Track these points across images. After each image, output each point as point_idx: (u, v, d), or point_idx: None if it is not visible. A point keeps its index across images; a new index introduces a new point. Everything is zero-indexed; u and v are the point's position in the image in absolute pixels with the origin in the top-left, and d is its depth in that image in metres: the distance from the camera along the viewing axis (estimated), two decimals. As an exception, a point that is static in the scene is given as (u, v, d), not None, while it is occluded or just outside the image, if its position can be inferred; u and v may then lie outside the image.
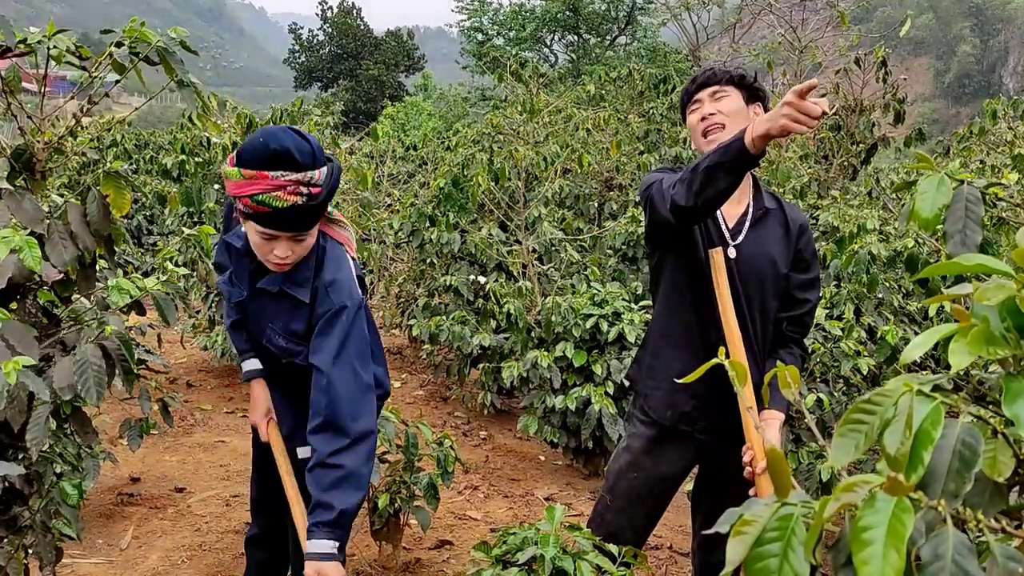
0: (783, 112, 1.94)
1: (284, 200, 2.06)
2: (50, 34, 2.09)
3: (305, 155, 2.08)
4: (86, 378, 2.01)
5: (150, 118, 35.90)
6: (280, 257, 2.20)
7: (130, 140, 10.23)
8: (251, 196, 2.06)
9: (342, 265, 2.33)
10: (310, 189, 2.08)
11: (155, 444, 5.06)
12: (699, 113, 2.41)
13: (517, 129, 7.13)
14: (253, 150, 2.07)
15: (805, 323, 2.48)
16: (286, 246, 2.18)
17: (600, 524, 2.54)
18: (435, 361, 6.33)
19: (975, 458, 0.76)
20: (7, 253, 1.91)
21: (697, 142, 2.44)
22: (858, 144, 6.83)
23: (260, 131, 2.12)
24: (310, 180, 2.08)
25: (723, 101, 2.39)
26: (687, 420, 2.43)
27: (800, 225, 2.46)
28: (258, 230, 2.15)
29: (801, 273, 2.45)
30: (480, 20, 31.33)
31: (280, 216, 2.09)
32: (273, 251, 2.19)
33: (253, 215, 2.11)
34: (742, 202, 2.44)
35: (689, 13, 27.18)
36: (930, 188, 1.11)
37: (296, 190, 2.06)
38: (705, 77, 2.43)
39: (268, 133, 2.09)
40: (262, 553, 2.92)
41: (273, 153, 2.05)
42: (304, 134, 2.14)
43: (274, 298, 2.34)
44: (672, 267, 2.46)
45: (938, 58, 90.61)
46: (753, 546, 0.72)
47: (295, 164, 2.06)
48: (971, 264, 0.90)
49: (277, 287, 2.30)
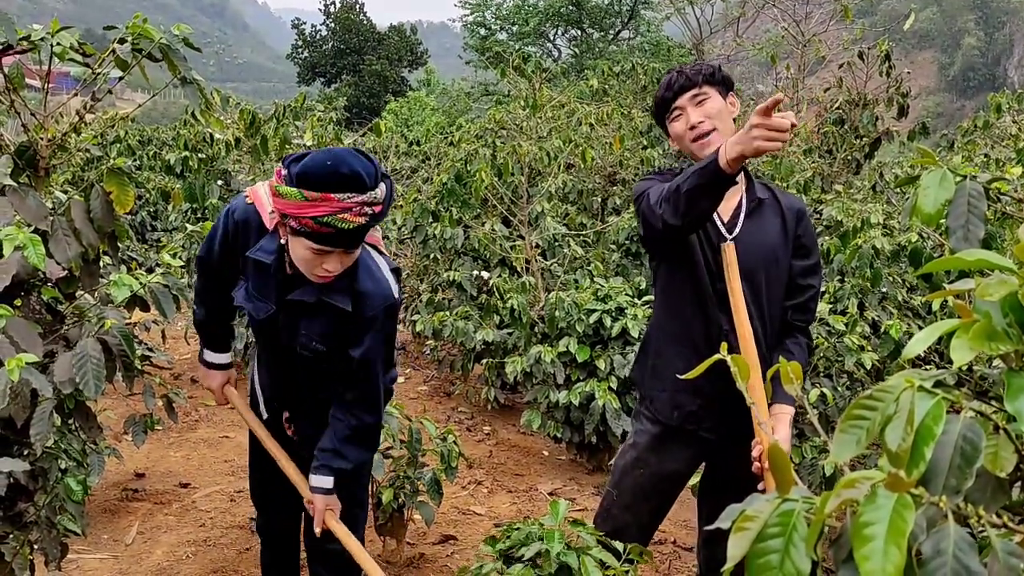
0: (753, 134, 1.93)
1: (351, 222, 2.07)
2: (53, 31, 2.10)
3: (371, 177, 2.10)
4: (85, 371, 2.02)
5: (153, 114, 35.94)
6: (330, 271, 2.20)
7: (133, 136, 10.23)
8: (315, 218, 2.05)
9: (375, 272, 2.36)
10: (373, 208, 2.10)
11: (159, 440, 5.08)
12: (684, 121, 2.37)
13: (520, 124, 7.12)
14: (320, 173, 2.05)
15: (810, 309, 2.47)
16: (337, 260, 2.19)
17: (606, 520, 2.55)
18: (438, 356, 6.33)
19: (977, 454, 0.76)
20: (11, 250, 1.92)
21: (686, 149, 2.41)
22: (862, 138, 6.81)
23: (322, 153, 2.11)
24: (374, 200, 2.10)
25: (706, 104, 2.36)
26: (693, 419, 2.42)
27: (797, 211, 2.45)
28: (310, 246, 2.14)
29: (802, 259, 2.43)
30: (483, 15, 31.26)
31: (342, 236, 2.10)
32: (323, 265, 2.19)
33: (311, 234, 2.10)
34: (735, 195, 2.43)
35: (692, 7, 27.11)
36: (932, 183, 1.11)
37: (361, 211, 2.08)
38: (681, 82, 2.38)
39: (336, 157, 2.08)
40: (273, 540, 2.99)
41: (343, 177, 2.05)
42: (366, 154, 2.15)
43: (309, 308, 2.34)
44: (670, 267, 2.46)
45: (942, 51, 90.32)
46: (755, 542, 0.72)
47: (363, 186, 2.07)
48: (973, 259, 0.90)
49: (315, 297, 2.30)
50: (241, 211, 2.36)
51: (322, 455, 2.44)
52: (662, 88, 2.45)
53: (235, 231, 2.38)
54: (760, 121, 1.92)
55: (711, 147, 2.31)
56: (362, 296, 2.30)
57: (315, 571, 2.80)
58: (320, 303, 2.30)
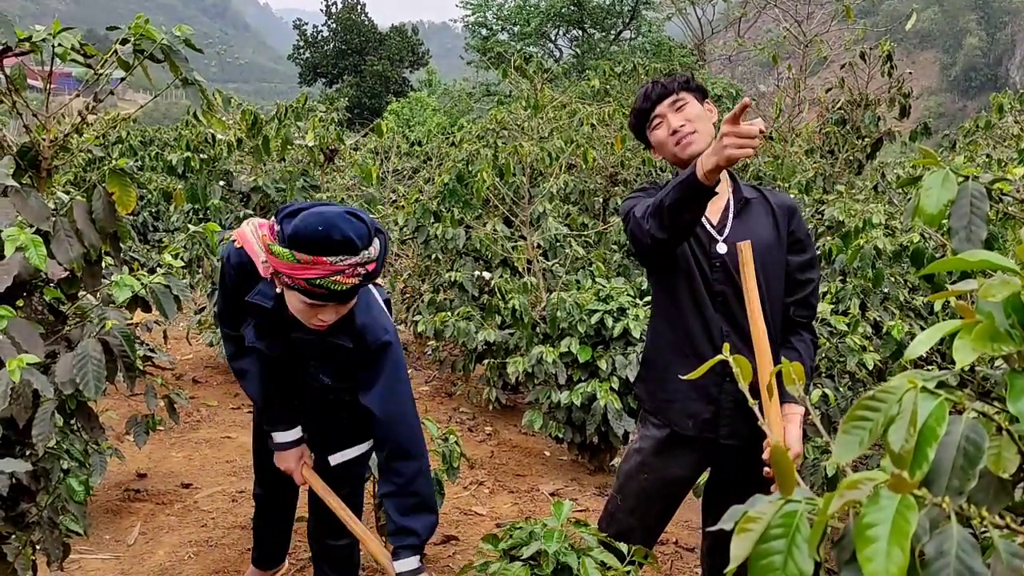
0: (724, 143, 1.95)
1: (343, 284, 2.07)
2: (55, 32, 2.10)
3: (364, 239, 2.09)
4: (85, 372, 2.02)
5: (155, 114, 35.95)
6: (326, 320, 2.21)
7: (135, 136, 10.24)
8: (307, 279, 2.05)
9: (372, 305, 2.37)
10: (367, 267, 2.10)
11: (161, 440, 5.08)
12: (666, 127, 2.40)
13: (521, 124, 7.12)
14: (311, 238, 2.04)
15: (811, 304, 2.48)
16: (333, 311, 2.20)
17: (610, 523, 2.53)
18: (440, 357, 6.33)
19: (979, 455, 0.76)
20: (13, 251, 1.92)
21: (670, 153, 2.42)
22: (863, 138, 6.81)
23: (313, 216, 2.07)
24: (367, 259, 2.10)
25: (686, 109, 2.39)
26: (710, 427, 2.41)
27: (788, 207, 2.46)
28: (304, 300, 2.14)
29: (798, 255, 2.44)
30: (484, 15, 31.28)
31: (335, 295, 2.11)
32: (318, 316, 2.19)
33: (304, 291, 2.10)
34: (722, 197, 2.44)
35: (694, 7, 27.14)
36: (935, 184, 1.11)
37: (354, 272, 2.08)
38: (659, 91, 2.42)
39: (327, 222, 2.05)
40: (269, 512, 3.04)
41: (335, 243, 2.04)
42: (359, 213, 2.13)
43: (314, 345, 2.35)
44: (664, 277, 2.45)
45: (944, 51, 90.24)
46: (757, 543, 0.72)
47: (355, 249, 2.06)
48: (976, 260, 0.90)
49: (317, 338, 2.31)
50: (235, 255, 2.37)
51: (393, 539, 2.36)
52: (640, 100, 2.47)
53: (236, 275, 2.39)
54: (729, 129, 1.95)
55: (693, 147, 2.34)
56: (361, 331, 2.31)
57: (319, 568, 2.82)
58: (324, 342, 2.32)
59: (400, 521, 2.33)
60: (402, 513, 2.33)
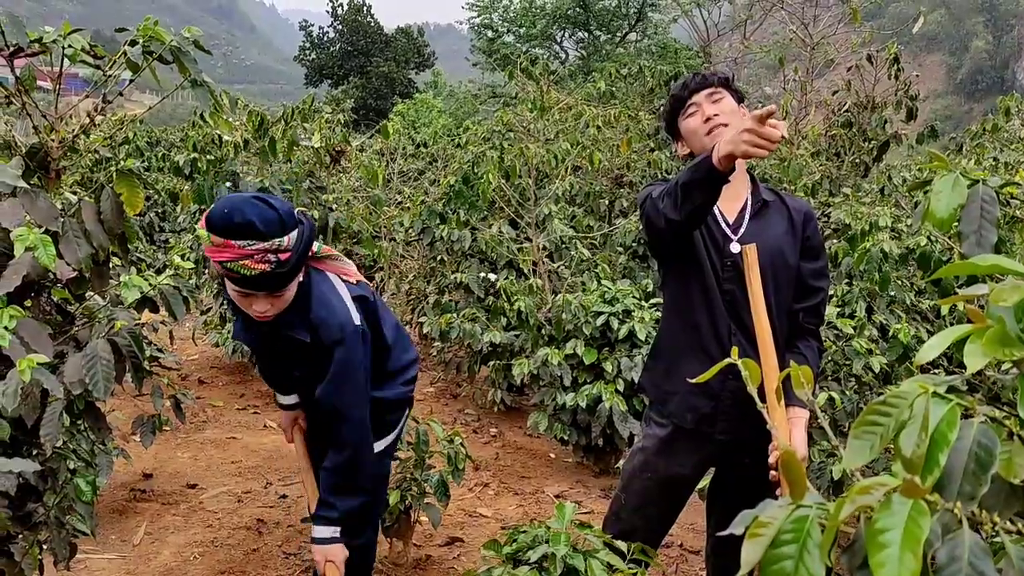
0: (744, 138, 1.97)
1: (251, 268, 2.09)
2: (65, 33, 2.10)
3: (271, 224, 2.10)
4: (94, 372, 2.02)
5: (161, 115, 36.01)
6: (259, 311, 2.24)
7: (142, 137, 10.25)
8: (221, 263, 2.10)
9: (330, 301, 2.37)
10: (278, 256, 2.11)
11: (167, 440, 5.09)
12: (700, 116, 2.41)
13: (527, 126, 7.12)
14: (216, 219, 2.09)
15: (820, 312, 2.48)
16: (264, 302, 2.23)
17: (615, 523, 2.55)
18: (445, 358, 6.34)
19: (991, 460, 0.75)
20: (22, 251, 1.93)
21: (699, 143, 2.42)
22: (870, 141, 6.79)
23: (226, 200, 2.13)
24: (278, 247, 2.10)
25: (722, 103, 2.41)
26: (708, 422, 2.42)
27: (805, 213, 2.46)
28: (232, 288, 2.21)
29: (811, 262, 2.44)
30: (490, 17, 31.30)
31: (250, 281, 2.13)
32: (252, 306, 2.24)
33: (227, 277, 2.17)
34: (740, 197, 2.44)
35: (700, 9, 27.12)
36: (945, 188, 1.10)
37: (264, 258, 2.09)
38: (698, 81, 2.44)
39: (232, 204, 2.10)
40: None
41: (237, 225, 2.07)
42: (270, 200, 2.15)
43: (279, 340, 2.41)
44: (677, 270, 2.46)
45: (950, 54, 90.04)
46: (768, 548, 0.72)
47: (259, 235, 2.08)
48: (986, 265, 0.89)
49: (276, 331, 2.36)
50: None
51: (316, 507, 2.49)
52: (678, 88, 2.49)
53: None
54: (753, 126, 1.96)
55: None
56: (317, 326, 2.33)
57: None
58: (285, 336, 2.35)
59: (324, 494, 2.45)
60: (327, 489, 2.44)
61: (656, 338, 2.62)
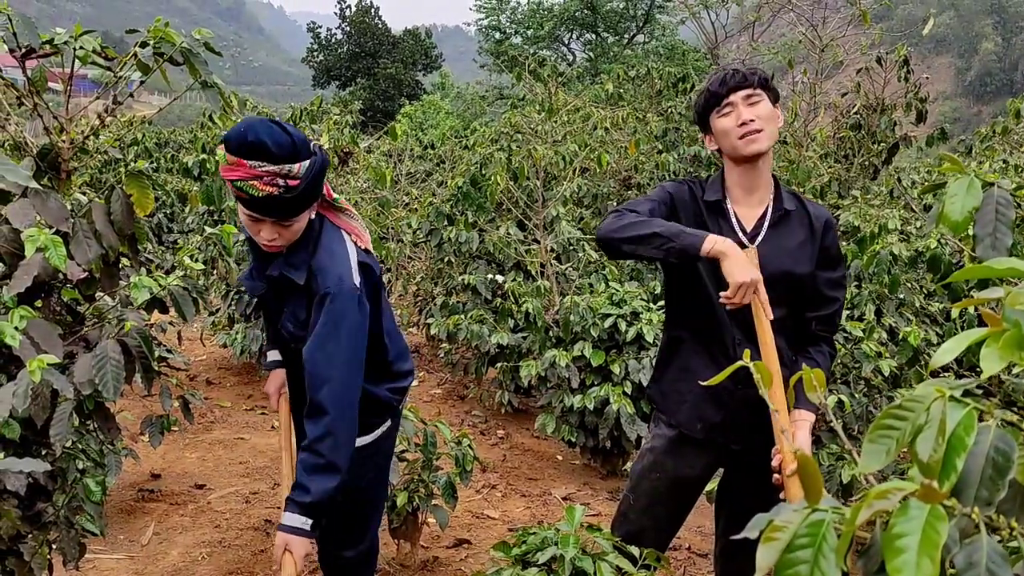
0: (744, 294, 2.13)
1: (260, 190, 2.10)
2: (76, 35, 2.11)
3: (283, 148, 2.11)
4: (104, 372, 2.03)
5: (170, 116, 36.11)
6: (266, 239, 2.24)
7: (151, 138, 10.29)
8: (231, 181, 2.12)
9: (335, 252, 2.35)
10: (287, 181, 2.12)
11: (175, 441, 5.10)
12: (735, 117, 2.32)
13: (535, 128, 7.12)
14: (235, 137, 2.12)
15: (833, 322, 2.45)
16: (271, 229, 2.22)
17: (623, 523, 2.54)
18: (453, 360, 6.34)
19: (1009, 465, 0.75)
20: (33, 251, 1.93)
21: (730, 145, 2.35)
22: (879, 143, 6.77)
23: (245, 120, 2.17)
24: (288, 172, 2.11)
25: (759, 106, 2.32)
26: (719, 431, 2.41)
27: (825, 222, 2.42)
28: (244, 211, 2.21)
29: (828, 271, 2.40)
30: (498, 18, 31.31)
31: (258, 203, 2.14)
32: (260, 232, 2.23)
33: (237, 198, 2.17)
34: (762, 204, 2.40)
35: (708, 11, 27.05)
36: (960, 191, 1.10)
37: (272, 181, 2.10)
38: (737, 80, 2.34)
39: (249, 124, 2.13)
40: None
41: (250, 144, 2.09)
42: (286, 127, 2.17)
43: (281, 285, 2.36)
44: (682, 277, 2.44)
45: (959, 56, 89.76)
46: (784, 552, 0.72)
47: (271, 156, 2.10)
48: (1003, 268, 0.89)
49: (278, 271, 2.33)
50: None
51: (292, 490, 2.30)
52: (715, 83, 2.39)
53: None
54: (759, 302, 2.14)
55: (756, 145, 2.29)
56: (316, 272, 2.30)
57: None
58: (283, 277, 2.32)
59: (299, 476, 2.28)
60: (303, 469, 2.27)
61: (661, 347, 2.60)
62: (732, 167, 2.40)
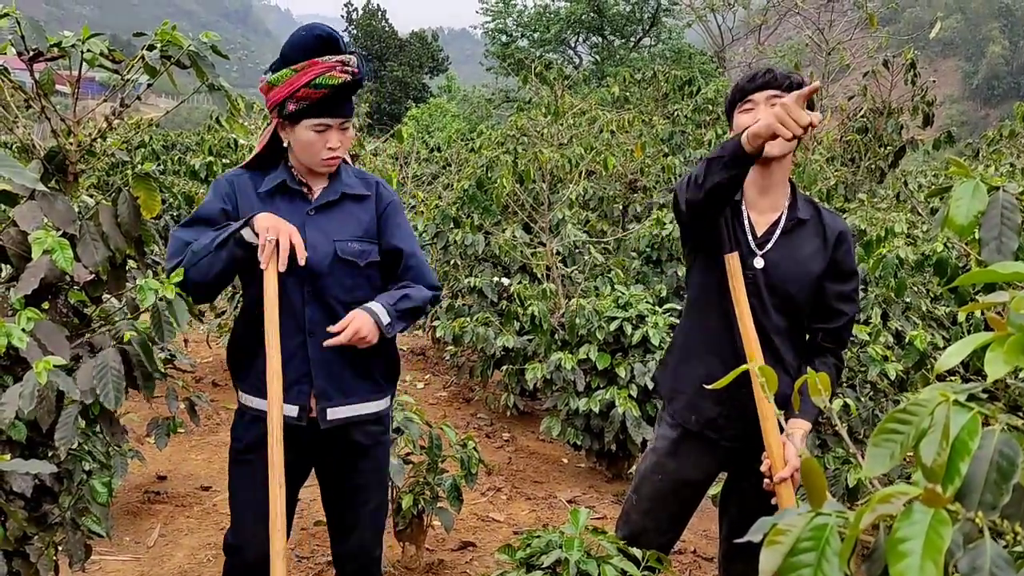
0: (775, 112, 1.97)
1: (338, 77, 2.22)
2: (84, 38, 2.12)
3: (343, 40, 2.31)
4: (105, 382, 2.03)
5: (177, 119, 36.18)
6: (334, 148, 2.31)
7: (158, 141, 10.32)
8: (307, 83, 2.20)
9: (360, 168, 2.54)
10: (352, 69, 2.25)
11: (181, 443, 5.11)
12: (754, 114, 2.31)
13: (541, 131, 7.13)
14: (300, 45, 2.25)
15: (841, 337, 2.41)
16: (337, 136, 2.30)
17: (626, 524, 2.55)
18: (458, 362, 6.34)
19: (1013, 469, 0.75)
20: (40, 253, 1.94)
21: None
22: (886, 147, 6.77)
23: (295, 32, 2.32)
24: (349, 62, 2.26)
25: None
26: (713, 427, 2.41)
27: (839, 233, 2.38)
28: (312, 125, 2.26)
29: (838, 284, 2.37)
30: (504, 22, 31.34)
31: (335, 97, 2.24)
32: (327, 144, 2.29)
33: (308, 107, 2.23)
34: (775, 211, 2.39)
35: (714, 14, 27.06)
36: (965, 194, 1.09)
37: (344, 69, 2.23)
38: (765, 79, 2.33)
39: (308, 27, 2.31)
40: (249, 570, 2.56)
41: (321, 39, 2.25)
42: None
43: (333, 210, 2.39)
44: (701, 271, 2.45)
45: (966, 59, 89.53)
46: (787, 556, 0.72)
47: (338, 47, 2.27)
48: (1008, 272, 0.89)
49: (338, 194, 2.38)
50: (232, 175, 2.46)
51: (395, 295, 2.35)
52: (745, 79, 2.40)
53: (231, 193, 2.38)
54: (789, 103, 1.95)
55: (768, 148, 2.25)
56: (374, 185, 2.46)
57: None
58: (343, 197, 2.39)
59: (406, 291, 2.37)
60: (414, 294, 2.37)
61: (674, 337, 2.63)
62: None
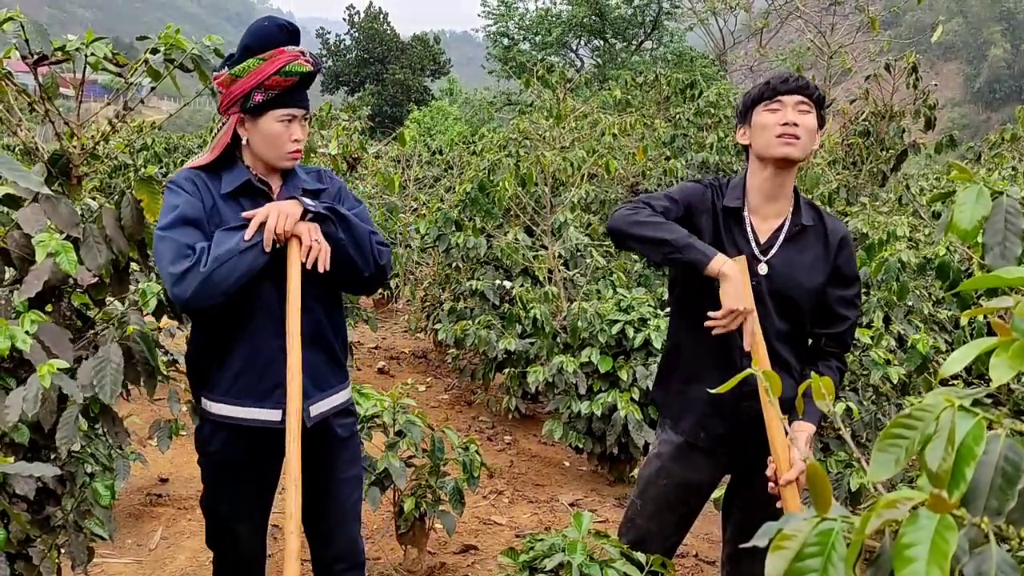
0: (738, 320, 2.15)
1: (303, 65, 2.21)
2: (88, 41, 2.12)
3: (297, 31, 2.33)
4: (103, 375, 2.03)
5: (179, 121, 36.24)
6: (298, 139, 2.30)
7: (160, 143, 10.32)
8: (276, 71, 2.17)
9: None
10: (312, 60, 2.26)
11: (184, 445, 5.09)
12: (781, 116, 2.29)
13: (543, 134, 7.13)
14: (265, 35, 2.22)
15: (844, 341, 2.41)
16: (299, 128, 2.29)
17: (630, 529, 2.54)
18: (460, 365, 6.34)
19: (1018, 474, 0.75)
20: (44, 256, 1.94)
21: (764, 140, 2.32)
22: (888, 150, 6.77)
23: (253, 25, 2.30)
24: (308, 52, 2.27)
25: (807, 117, 2.30)
26: (722, 443, 2.41)
27: (841, 239, 2.38)
28: (278, 116, 2.23)
29: (840, 289, 2.38)
30: (506, 25, 31.35)
31: (300, 86, 2.25)
32: (292, 136, 2.28)
33: (275, 97, 2.20)
34: (779, 217, 2.38)
35: (716, 18, 27.08)
36: (969, 199, 1.09)
37: (307, 59, 2.23)
38: (799, 84, 2.32)
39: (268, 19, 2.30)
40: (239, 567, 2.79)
41: (285, 29, 2.24)
42: None
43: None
44: (688, 287, 2.43)
45: (968, 63, 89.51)
46: (793, 561, 0.72)
47: (296, 38, 2.27)
48: (1012, 277, 0.89)
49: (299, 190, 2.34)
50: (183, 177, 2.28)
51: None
52: (779, 79, 2.36)
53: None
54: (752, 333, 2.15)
55: (791, 149, 2.26)
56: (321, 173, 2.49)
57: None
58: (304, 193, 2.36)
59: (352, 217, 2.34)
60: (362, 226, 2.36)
61: (667, 351, 2.58)
62: (757, 170, 2.37)
